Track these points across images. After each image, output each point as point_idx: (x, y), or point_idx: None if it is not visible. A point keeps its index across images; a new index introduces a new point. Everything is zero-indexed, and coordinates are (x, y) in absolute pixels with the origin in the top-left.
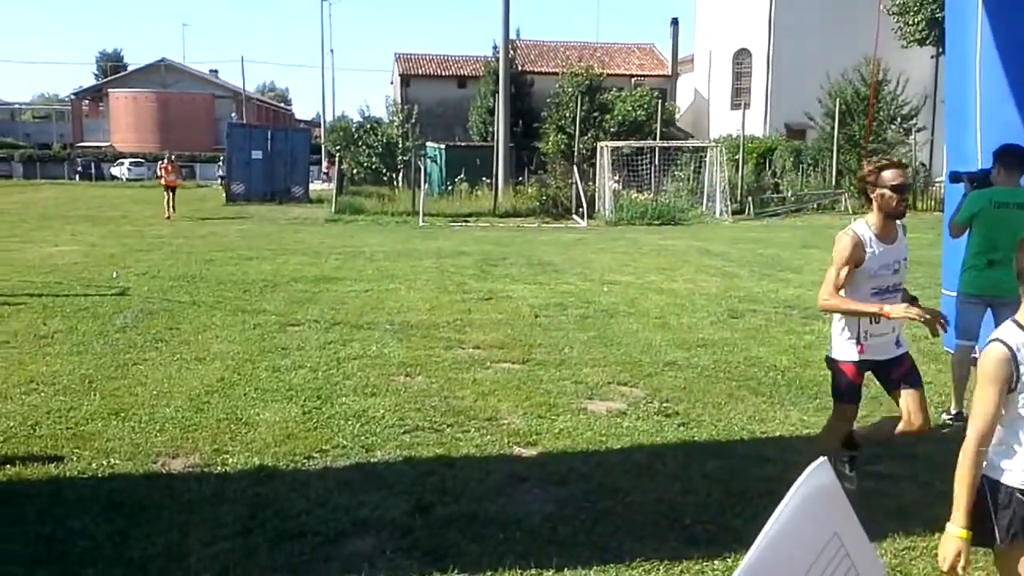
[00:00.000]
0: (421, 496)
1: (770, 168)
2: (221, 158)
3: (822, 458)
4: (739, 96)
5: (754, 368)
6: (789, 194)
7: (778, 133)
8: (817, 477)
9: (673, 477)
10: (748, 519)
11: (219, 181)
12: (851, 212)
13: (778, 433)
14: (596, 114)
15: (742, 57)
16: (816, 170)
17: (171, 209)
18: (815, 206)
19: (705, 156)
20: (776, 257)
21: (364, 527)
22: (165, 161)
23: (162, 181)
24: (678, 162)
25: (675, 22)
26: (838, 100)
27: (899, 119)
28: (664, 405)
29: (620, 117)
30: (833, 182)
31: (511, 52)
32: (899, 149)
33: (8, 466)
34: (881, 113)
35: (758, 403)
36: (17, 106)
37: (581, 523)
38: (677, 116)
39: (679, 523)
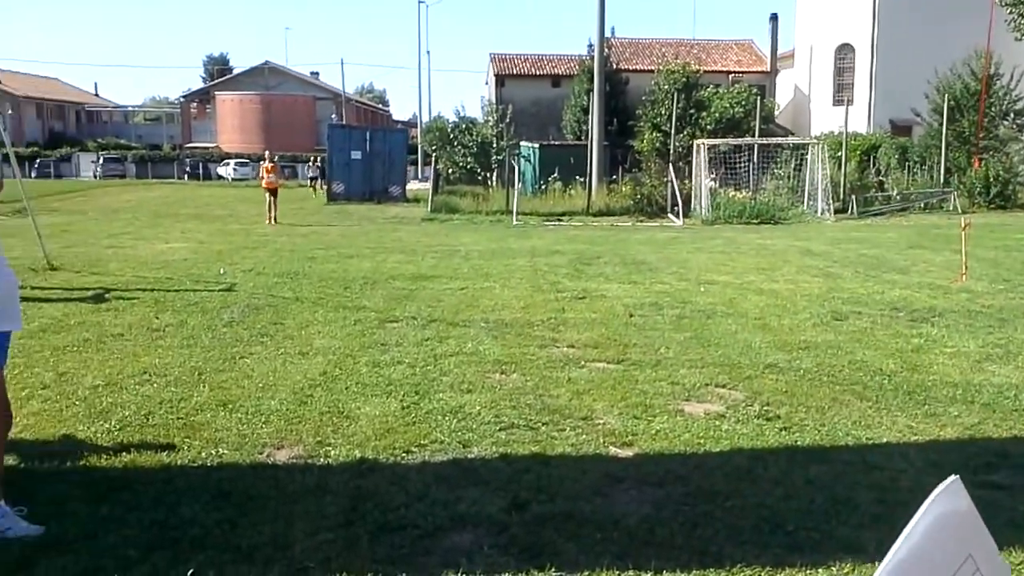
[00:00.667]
0: (517, 493)
1: (874, 166)
2: (311, 158)
3: (954, 476)
4: (841, 92)
5: (859, 372)
6: (894, 193)
7: (882, 130)
8: (950, 495)
9: (775, 482)
10: (854, 527)
11: (309, 182)
12: (960, 211)
13: (885, 439)
14: (692, 111)
15: (844, 52)
16: (923, 168)
17: (272, 213)
18: (922, 205)
19: (806, 153)
20: (881, 258)
21: (462, 522)
22: (267, 162)
23: (263, 184)
24: (777, 160)
25: (774, 17)
26: (947, 95)
27: (1012, 115)
28: (765, 408)
29: (717, 114)
30: (941, 180)
31: (606, 50)
32: (1012, 146)
33: (124, 453)
34: (993, 108)
35: (864, 408)
36: (130, 109)
37: (680, 526)
38: (776, 113)
39: (781, 529)
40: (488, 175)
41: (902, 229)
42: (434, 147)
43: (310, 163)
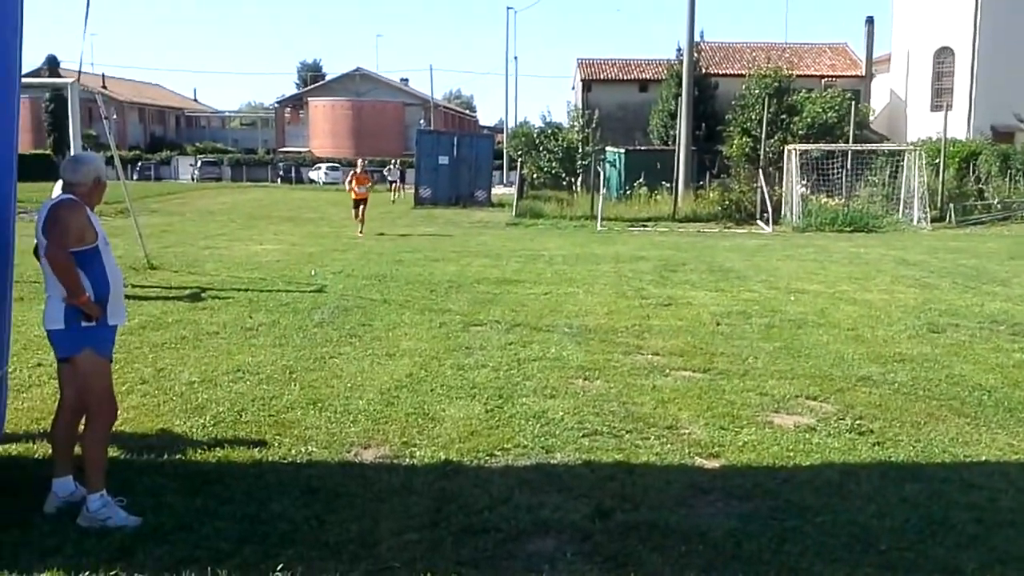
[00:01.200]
0: (601, 501)
1: (974, 173)
2: (392, 161)
3: None
4: (940, 97)
5: (957, 387)
6: (995, 201)
7: (983, 136)
8: None
9: (867, 498)
10: (951, 548)
11: (389, 185)
12: None
13: (984, 457)
14: (784, 116)
15: (943, 56)
16: None
17: (361, 226)
18: None
19: (901, 160)
20: (980, 268)
21: (545, 528)
22: (358, 170)
23: (352, 194)
24: (872, 166)
25: (870, 21)
26: None
27: None
28: (857, 422)
29: (809, 119)
30: None
31: (695, 54)
32: None
33: (218, 448)
34: None
35: (961, 424)
36: (227, 114)
37: (767, 540)
38: (871, 118)
39: (874, 548)
40: (573, 180)
41: (1003, 239)
42: (519, 152)
43: (391, 166)
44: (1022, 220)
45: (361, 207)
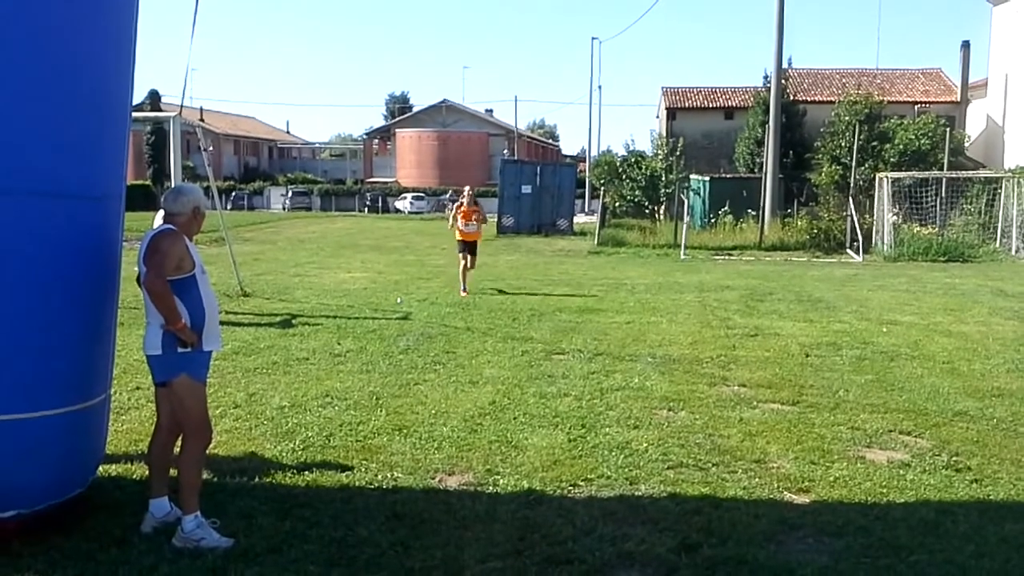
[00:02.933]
0: (687, 535)
1: None
2: (450, 192)
3: None
4: None
5: None
6: None
7: None
8: None
9: (965, 538)
10: None
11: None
12: None
13: None
14: (875, 143)
15: None
16: None
17: (465, 278)
18: None
19: (998, 188)
20: None
21: (630, 560)
22: (464, 200)
23: (456, 232)
24: (967, 194)
25: (966, 45)
26: None
27: None
28: (954, 459)
29: (901, 146)
30: None
31: (783, 81)
32: None
33: (306, 472)
34: None
35: None
36: (317, 145)
37: None
38: (966, 144)
39: None
40: (656, 208)
41: None
42: (602, 181)
43: (452, 195)
44: None
45: (468, 254)
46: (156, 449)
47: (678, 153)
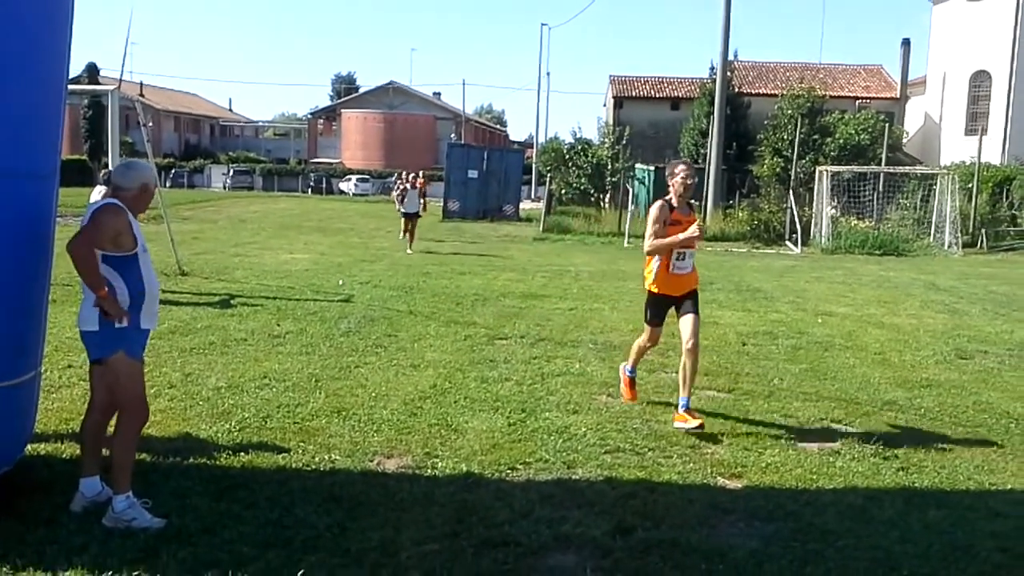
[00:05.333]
0: (623, 518)
1: (1007, 199)
2: (397, 174)
3: None
4: (975, 121)
5: (984, 414)
6: None
7: (1018, 161)
8: None
9: (890, 523)
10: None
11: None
12: None
13: (1009, 486)
14: (816, 137)
15: (980, 79)
16: None
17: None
18: None
19: (934, 184)
20: (1011, 295)
21: (566, 542)
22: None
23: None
24: (904, 190)
25: (906, 43)
26: None
27: None
28: (882, 447)
29: (842, 141)
30: None
31: (728, 73)
32: None
33: (243, 453)
34: None
35: (988, 452)
36: (260, 124)
37: (788, 563)
38: (904, 141)
39: (896, 573)
40: (602, 196)
41: None
42: (549, 167)
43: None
44: None
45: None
46: (89, 427)
47: (624, 142)
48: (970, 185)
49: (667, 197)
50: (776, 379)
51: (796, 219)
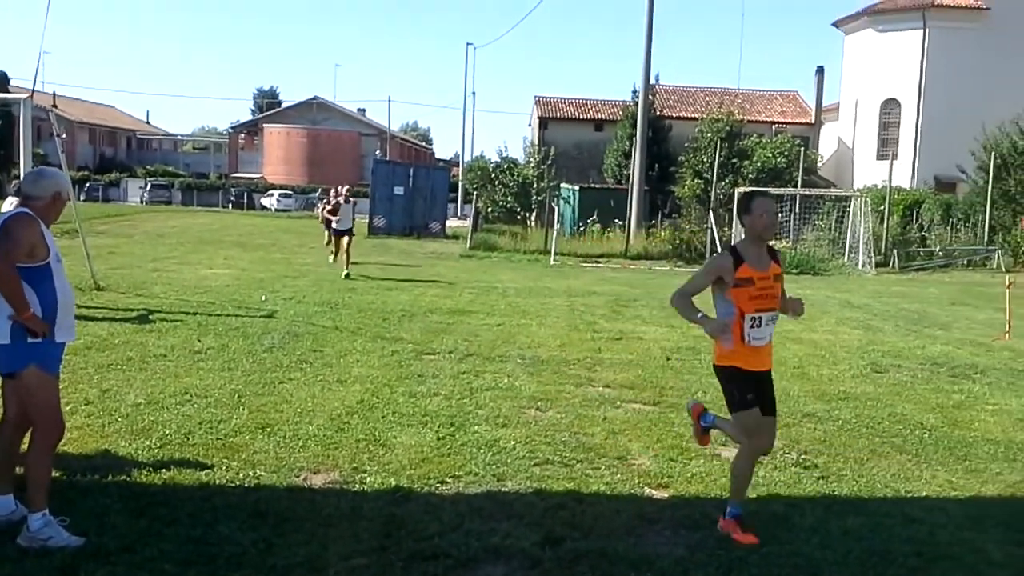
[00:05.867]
0: (551, 528)
1: (917, 221)
2: (320, 189)
3: None
4: (886, 146)
5: (899, 425)
6: (937, 249)
7: (927, 185)
8: None
9: (811, 530)
10: None
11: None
12: (1004, 270)
13: (924, 493)
14: (735, 160)
15: (890, 107)
16: (967, 225)
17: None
18: (965, 263)
19: (847, 206)
20: (922, 312)
21: (495, 554)
22: (343, 190)
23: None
24: (819, 211)
25: (820, 70)
26: (993, 153)
27: None
28: (802, 457)
29: (759, 163)
30: (985, 239)
31: (650, 96)
32: None
33: (164, 470)
34: None
35: (903, 461)
36: (179, 138)
37: (714, 570)
38: (819, 164)
39: None
40: (528, 215)
41: (944, 285)
42: (475, 186)
43: (321, 194)
44: (962, 267)
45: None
46: (2, 444)
47: (549, 162)
48: (882, 207)
49: (738, 244)
50: (699, 392)
51: (716, 239)
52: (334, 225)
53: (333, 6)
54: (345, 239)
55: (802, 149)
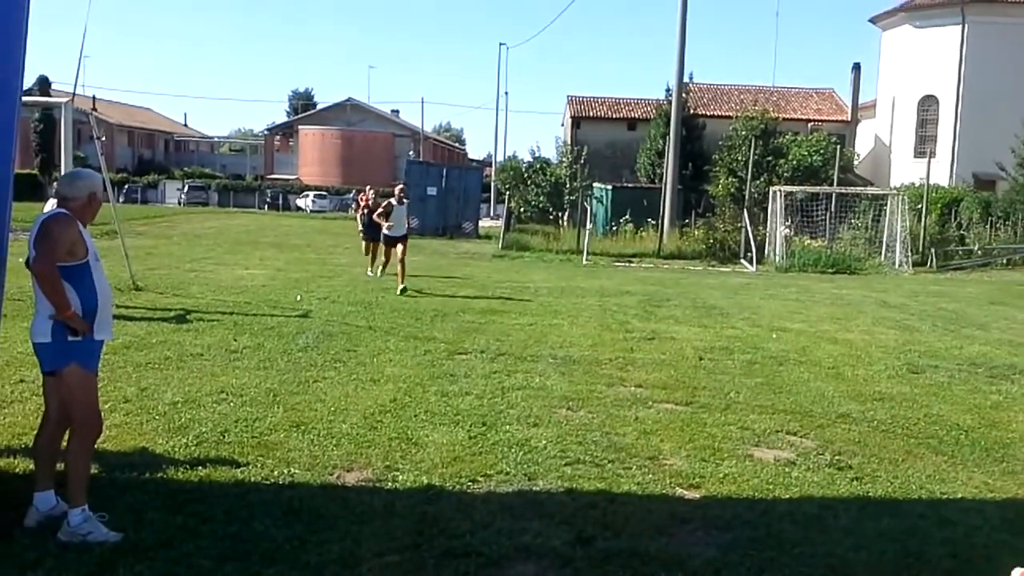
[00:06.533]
0: (582, 528)
1: (955, 219)
2: (355, 190)
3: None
4: (923, 144)
5: (935, 426)
6: (976, 247)
7: (965, 183)
8: None
9: (845, 531)
10: None
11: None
12: None
13: (960, 495)
14: (769, 158)
15: (928, 103)
16: (1007, 224)
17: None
18: (1004, 261)
19: (884, 204)
20: (960, 312)
21: (526, 553)
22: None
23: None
24: (855, 210)
25: (857, 67)
26: None
27: None
28: (836, 458)
29: (795, 162)
30: None
31: (684, 95)
32: None
33: (200, 468)
34: None
35: (939, 462)
36: (216, 140)
37: (746, 571)
38: (855, 162)
39: None
40: (560, 214)
41: (983, 284)
42: (507, 186)
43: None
44: (1002, 266)
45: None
46: (43, 441)
47: (582, 161)
48: (919, 206)
49: None
50: (732, 392)
51: (751, 238)
52: (385, 231)
53: (367, 8)
54: (399, 247)
55: (838, 147)
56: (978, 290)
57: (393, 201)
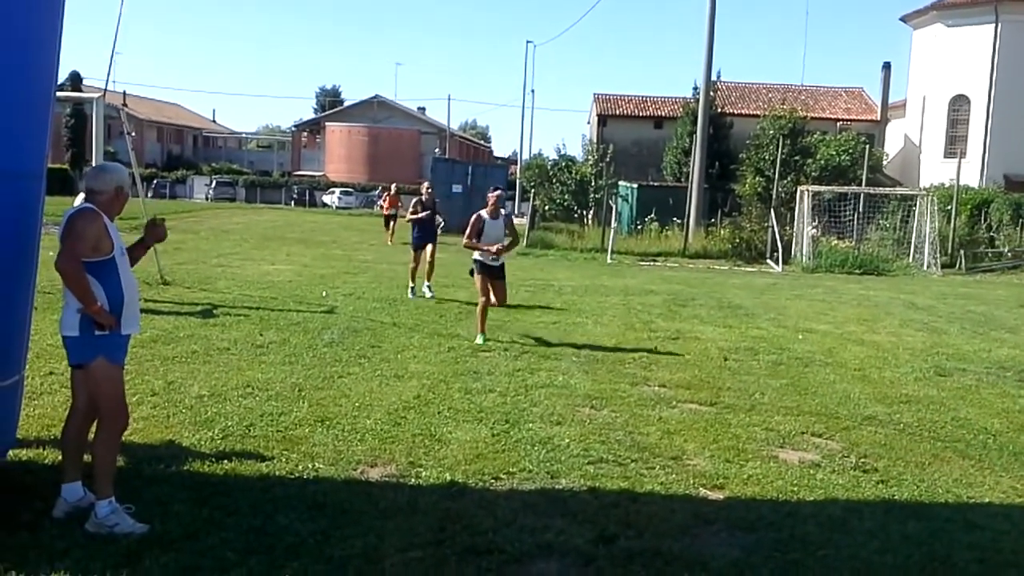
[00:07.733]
0: (605, 527)
1: (986, 221)
2: (379, 187)
3: None
4: (954, 144)
5: (962, 429)
6: (1006, 249)
7: (996, 184)
8: None
9: (870, 534)
10: None
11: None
12: None
13: (987, 499)
14: (797, 158)
15: (959, 103)
16: None
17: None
18: None
19: (913, 205)
20: (989, 315)
21: (548, 551)
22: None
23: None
24: (884, 210)
25: (887, 66)
26: None
27: None
28: (862, 460)
29: (823, 161)
30: None
31: (711, 93)
32: None
33: (225, 461)
34: None
35: (965, 466)
36: (244, 136)
37: (769, 572)
38: (884, 162)
39: None
40: (585, 213)
41: (1013, 287)
42: (533, 183)
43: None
44: None
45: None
46: (71, 433)
47: (608, 159)
48: (949, 207)
49: None
50: (757, 393)
51: (777, 238)
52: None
53: (395, 6)
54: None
55: (867, 147)
56: (1008, 293)
57: (484, 214)
